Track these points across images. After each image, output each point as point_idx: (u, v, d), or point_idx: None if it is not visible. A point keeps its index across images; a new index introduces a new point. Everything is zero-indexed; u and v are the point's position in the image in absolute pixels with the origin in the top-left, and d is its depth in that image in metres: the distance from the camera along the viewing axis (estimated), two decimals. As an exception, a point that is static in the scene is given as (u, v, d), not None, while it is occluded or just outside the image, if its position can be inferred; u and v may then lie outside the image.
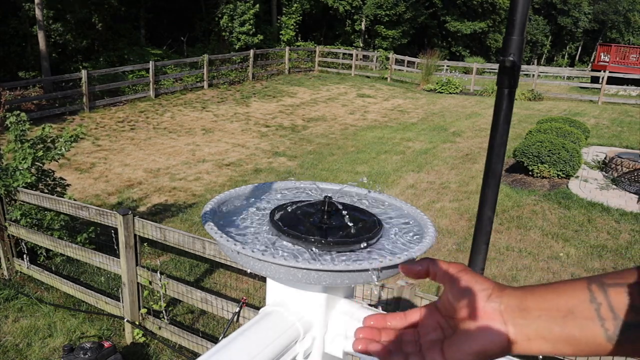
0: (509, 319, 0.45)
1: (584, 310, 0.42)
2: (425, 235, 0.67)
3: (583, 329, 0.42)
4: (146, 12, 21.54)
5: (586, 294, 0.42)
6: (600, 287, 0.42)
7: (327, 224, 0.68)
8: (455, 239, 6.51)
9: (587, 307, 0.42)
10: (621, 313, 0.41)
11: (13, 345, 4.15)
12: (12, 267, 5.27)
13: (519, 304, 0.45)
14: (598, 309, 0.41)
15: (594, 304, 0.42)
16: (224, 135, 11.59)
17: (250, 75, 18.39)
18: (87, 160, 9.41)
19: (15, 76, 15.92)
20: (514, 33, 0.48)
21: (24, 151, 5.18)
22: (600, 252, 6.22)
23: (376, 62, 23.20)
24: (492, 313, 0.45)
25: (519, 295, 0.46)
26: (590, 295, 0.42)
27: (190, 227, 6.53)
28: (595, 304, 0.42)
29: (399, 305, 2.98)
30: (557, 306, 0.43)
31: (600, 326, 0.41)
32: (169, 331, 4.18)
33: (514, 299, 0.46)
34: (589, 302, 0.42)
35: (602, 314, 0.41)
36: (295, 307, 0.67)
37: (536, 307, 0.44)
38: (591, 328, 0.42)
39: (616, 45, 25.79)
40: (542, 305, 0.44)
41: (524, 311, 0.45)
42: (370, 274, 0.59)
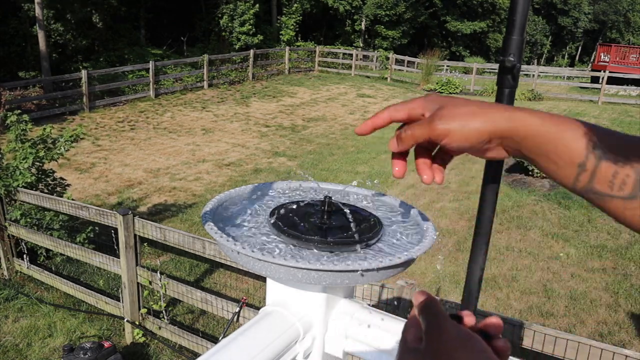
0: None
1: (568, 161, 0.43)
2: (425, 235, 0.67)
3: (560, 167, 0.44)
4: (146, 12, 21.54)
5: (581, 157, 0.42)
6: (597, 158, 0.41)
7: (327, 224, 0.68)
8: (455, 239, 6.51)
9: (572, 163, 0.43)
10: (600, 186, 0.42)
11: (13, 345, 4.15)
12: (12, 267, 5.27)
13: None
14: (580, 172, 0.42)
15: (580, 167, 0.42)
16: (224, 135, 11.59)
17: (250, 75, 18.39)
18: (87, 160, 9.41)
19: (15, 76, 15.92)
20: (514, 33, 0.47)
21: (25, 151, 5.18)
22: (600, 252, 6.22)
23: (376, 62, 23.20)
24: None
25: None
26: (583, 160, 0.42)
27: (190, 227, 6.53)
28: (581, 168, 0.42)
29: (399, 305, 2.98)
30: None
31: (574, 176, 0.43)
32: (169, 331, 4.18)
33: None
34: (577, 165, 0.42)
35: (580, 178, 0.42)
36: (295, 307, 0.67)
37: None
38: (568, 170, 0.43)
39: (616, 45, 25.79)
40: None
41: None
42: (370, 274, 0.59)
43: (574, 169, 0.43)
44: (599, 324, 4.82)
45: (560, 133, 0.43)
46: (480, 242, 0.52)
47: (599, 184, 0.41)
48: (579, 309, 5.03)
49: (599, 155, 0.41)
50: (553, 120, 0.44)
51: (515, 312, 4.96)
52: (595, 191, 0.42)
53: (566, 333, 2.55)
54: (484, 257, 0.53)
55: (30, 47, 16.78)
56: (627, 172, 0.40)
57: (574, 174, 0.43)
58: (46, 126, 5.43)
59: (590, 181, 0.42)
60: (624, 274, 5.74)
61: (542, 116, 0.45)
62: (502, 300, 5.16)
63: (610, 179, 0.41)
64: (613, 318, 4.91)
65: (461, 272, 5.61)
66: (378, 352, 0.65)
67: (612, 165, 0.41)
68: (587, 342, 2.44)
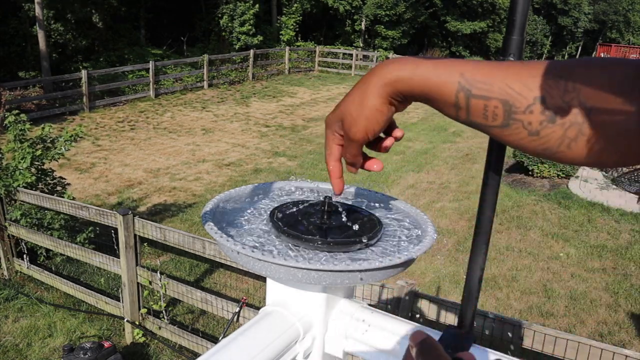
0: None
1: (445, 102, 0.46)
2: (425, 235, 0.67)
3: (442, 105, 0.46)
4: (146, 12, 21.54)
5: (452, 97, 0.45)
6: (465, 96, 0.44)
7: (327, 224, 0.68)
8: (455, 239, 6.51)
9: (449, 104, 0.45)
10: (477, 119, 0.44)
11: (13, 345, 4.15)
12: (12, 267, 5.27)
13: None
14: (457, 110, 0.45)
15: (455, 107, 0.45)
16: (224, 135, 11.59)
17: (250, 75, 18.38)
18: (87, 160, 9.41)
19: (15, 76, 15.91)
20: (514, 33, 0.47)
21: (23, 151, 5.18)
22: (600, 252, 6.22)
23: (376, 62, 23.17)
24: None
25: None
26: (454, 100, 0.45)
27: (190, 227, 6.53)
28: (456, 107, 0.45)
29: (399, 305, 2.98)
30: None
31: (455, 113, 0.46)
32: (169, 331, 4.18)
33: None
34: (452, 105, 0.45)
35: (459, 114, 0.45)
36: (295, 307, 0.67)
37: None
38: (449, 109, 0.46)
39: (616, 46, 25.81)
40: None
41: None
42: (370, 274, 0.59)
43: (452, 108, 0.46)
44: (599, 324, 4.82)
45: (431, 79, 0.46)
46: (480, 242, 0.52)
47: (475, 117, 0.44)
48: (579, 309, 5.04)
49: (467, 92, 0.44)
50: (419, 68, 0.47)
51: (515, 312, 4.96)
52: (476, 123, 0.45)
53: (566, 333, 2.55)
54: (484, 257, 0.53)
55: (30, 47, 16.78)
56: (494, 103, 0.42)
57: (454, 112, 0.46)
58: (45, 125, 5.43)
59: (468, 116, 0.45)
60: (624, 274, 5.74)
61: (413, 66, 0.47)
62: (502, 300, 5.16)
63: (483, 112, 0.43)
64: (613, 318, 4.91)
65: (461, 272, 5.61)
66: (378, 352, 0.65)
67: (480, 100, 0.43)
68: (587, 342, 2.44)
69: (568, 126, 0.40)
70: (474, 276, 0.53)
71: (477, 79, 0.44)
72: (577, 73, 0.40)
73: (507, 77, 0.42)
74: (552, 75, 0.40)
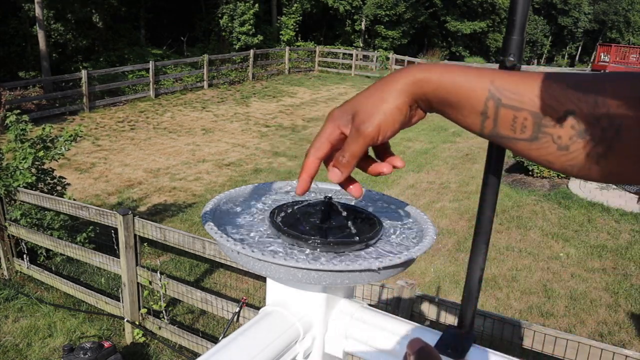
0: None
1: (471, 110, 0.44)
2: (425, 235, 0.67)
3: (466, 115, 0.45)
4: (146, 12, 21.54)
5: (481, 105, 0.44)
6: (495, 104, 0.43)
7: (327, 224, 0.68)
8: (455, 239, 6.51)
9: (475, 112, 0.44)
10: (504, 130, 0.43)
11: (13, 345, 4.15)
12: (12, 267, 5.27)
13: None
14: (484, 119, 0.44)
15: (482, 115, 0.44)
16: (224, 135, 11.59)
17: (250, 75, 18.39)
18: (87, 160, 9.41)
19: (15, 76, 15.92)
20: (514, 33, 0.47)
21: (24, 151, 5.19)
22: (600, 252, 6.23)
23: (376, 62, 23.19)
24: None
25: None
26: (483, 108, 0.44)
27: (190, 227, 6.53)
28: (483, 116, 0.44)
29: (399, 305, 2.98)
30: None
31: (480, 123, 0.44)
32: (169, 331, 4.18)
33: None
34: (479, 114, 0.44)
35: (485, 124, 0.44)
36: (295, 307, 0.67)
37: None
38: (473, 118, 0.45)
39: (616, 45, 25.80)
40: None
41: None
42: (370, 274, 0.59)
43: (477, 117, 0.44)
44: (599, 324, 4.82)
45: (459, 83, 0.44)
46: (480, 242, 0.52)
47: (502, 128, 0.43)
48: (579, 309, 5.04)
49: (498, 101, 0.43)
50: (450, 73, 0.45)
51: (515, 312, 4.96)
52: (501, 135, 0.43)
53: (566, 333, 2.55)
54: (484, 257, 0.53)
55: (30, 47, 16.78)
56: (524, 115, 0.41)
57: (479, 122, 0.44)
58: (45, 125, 5.43)
59: (495, 127, 0.43)
60: (624, 274, 5.74)
61: (439, 70, 0.46)
62: (502, 300, 5.16)
63: (512, 123, 0.42)
64: (613, 318, 4.91)
65: (461, 272, 5.61)
66: (378, 352, 0.65)
67: (510, 110, 0.42)
68: (587, 342, 2.44)
69: (597, 142, 0.38)
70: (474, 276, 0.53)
71: (508, 88, 0.43)
72: (608, 88, 0.39)
73: (538, 88, 0.41)
74: (582, 89, 0.40)
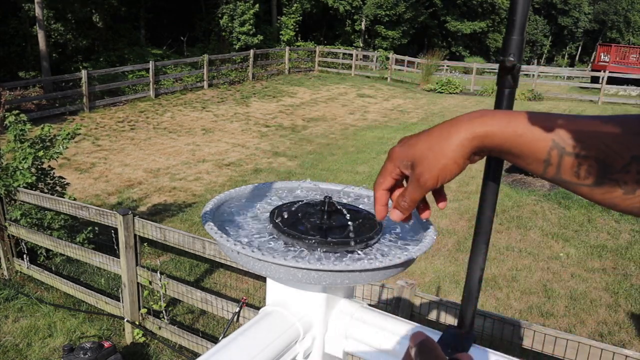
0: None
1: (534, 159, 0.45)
2: (425, 235, 0.67)
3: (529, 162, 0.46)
4: (146, 12, 21.54)
5: (544, 154, 0.45)
6: (558, 154, 0.44)
7: (327, 224, 0.68)
8: (455, 239, 6.51)
9: (538, 160, 0.45)
10: (567, 177, 0.44)
11: (13, 345, 4.15)
12: (12, 267, 5.27)
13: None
14: (546, 166, 0.45)
15: (545, 163, 0.45)
16: (224, 135, 11.59)
17: (250, 75, 18.39)
18: (87, 160, 9.41)
19: (15, 76, 15.91)
20: (514, 33, 0.47)
21: (24, 151, 5.18)
22: (600, 252, 6.22)
23: (376, 62, 23.19)
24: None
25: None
26: (546, 157, 0.44)
27: (190, 227, 6.53)
28: (546, 163, 0.45)
29: (399, 305, 2.98)
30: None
31: (542, 169, 0.46)
32: (169, 331, 4.18)
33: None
34: (542, 162, 0.45)
35: (548, 170, 0.45)
36: (295, 307, 0.67)
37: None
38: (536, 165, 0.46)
39: (616, 45, 25.79)
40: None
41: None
42: (370, 274, 0.59)
43: (540, 164, 0.45)
44: (599, 324, 4.82)
45: (521, 137, 0.45)
46: (480, 242, 0.52)
47: (565, 175, 0.44)
48: (579, 309, 5.04)
49: (561, 150, 0.43)
50: (512, 124, 0.45)
51: (515, 312, 4.96)
52: (564, 180, 0.44)
53: (566, 333, 2.55)
54: (484, 257, 0.53)
55: (30, 47, 16.78)
56: (589, 163, 0.42)
57: (542, 168, 0.45)
58: (44, 125, 5.43)
59: (557, 173, 0.44)
60: (624, 274, 5.74)
61: (500, 122, 0.46)
62: (502, 300, 5.16)
63: (575, 170, 0.43)
64: (613, 318, 4.91)
65: (461, 272, 5.61)
66: (378, 352, 0.65)
67: (574, 158, 0.43)
68: (587, 342, 2.44)
69: None
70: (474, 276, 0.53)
71: (572, 136, 0.43)
72: None
73: (604, 134, 0.41)
74: None
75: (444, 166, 0.49)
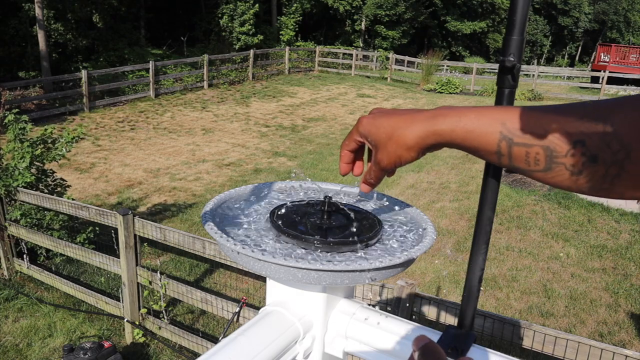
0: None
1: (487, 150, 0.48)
2: (425, 235, 0.67)
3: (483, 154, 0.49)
4: (146, 12, 21.55)
5: (494, 146, 0.48)
6: (507, 144, 0.47)
7: (327, 224, 0.68)
8: (455, 239, 6.51)
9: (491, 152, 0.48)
10: (519, 164, 0.47)
11: (13, 345, 4.15)
12: (12, 267, 5.27)
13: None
14: (499, 157, 0.48)
15: (497, 154, 0.48)
16: (224, 135, 11.59)
17: (250, 75, 18.39)
18: (87, 160, 9.41)
19: (15, 76, 15.92)
20: (514, 33, 0.47)
21: (23, 150, 5.18)
22: (600, 252, 6.23)
23: (376, 62, 23.19)
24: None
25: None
26: (496, 148, 0.47)
27: (190, 227, 6.53)
28: (498, 155, 0.48)
29: (399, 305, 2.98)
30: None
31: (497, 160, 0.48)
32: (169, 331, 4.18)
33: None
34: (494, 153, 0.48)
35: (502, 160, 0.48)
36: (295, 307, 0.67)
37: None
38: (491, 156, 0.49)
39: (616, 45, 25.80)
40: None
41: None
42: (370, 274, 0.59)
43: (493, 155, 0.48)
44: (599, 324, 4.82)
45: (470, 133, 0.48)
46: (480, 242, 0.52)
47: (517, 163, 0.47)
48: (579, 309, 5.04)
49: (509, 141, 0.46)
50: (462, 121, 0.49)
51: (515, 312, 4.96)
52: (518, 168, 0.47)
53: (566, 333, 2.55)
54: (484, 257, 0.53)
55: (30, 47, 16.78)
56: (535, 150, 0.45)
57: (496, 159, 0.48)
58: (48, 127, 5.43)
59: (510, 162, 0.47)
60: (624, 274, 5.74)
61: (452, 118, 0.50)
62: (502, 300, 5.16)
63: (525, 158, 0.46)
64: (613, 318, 4.91)
65: (461, 272, 5.61)
66: (378, 352, 0.65)
67: (522, 147, 0.46)
68: (587, 342, 2.44)
69: (610, 164, 0.41)
70: (474, 276, 0.53)
71: (518, 127, 0.46)
72: (616, 113, 0.42)
73: (547, 123, 0.44)
74: (590, 119, 0.43)
75: (400, 155, 0.54)
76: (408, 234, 0.71)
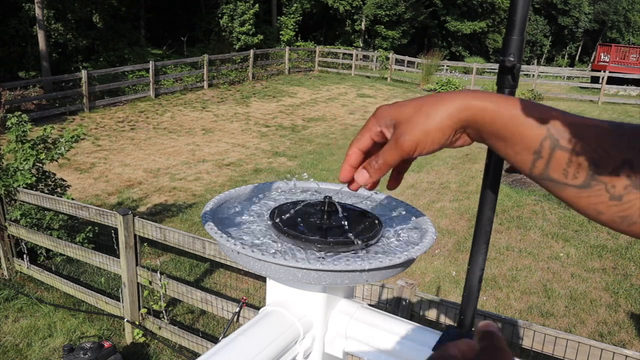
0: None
1: (524, 147, 0.42)
2: (425, 235, 0.67)
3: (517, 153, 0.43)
4: (146, 12, 21.55)
5: (537, 144, 0.42)
6: (551, 145, 0.41)
7: (327, 224, 0.68)
8: (455, 239, 6.51)
9: (528, 150, 0.42)
10: (555, 174, 0.41)
11: (13, 345, 4.15)
12: (12, 267, 5.27)
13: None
14: (536, 159, 0.42)
15: (536, 154, 0.42)
16: (224, 135, 11.59)
17: (250, 75, 18.39)
18: (87, 160, 9.41)
19: (15, 76, 15.91)
20: (514, 33, 0.47)
21: (25, 152, 5.18)
22: (600, 252, 6.23)
23: (376, 62, 23.19)
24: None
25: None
26: (538, 147, 0.42)
27: (190, 227, 6.53)
28: (536, 155, 0.42)
29: (399, 305, 2.98)
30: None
31: (531, 162, 0.43)
32: (169, 331, 4.18)
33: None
34: (533, 152, 0.42)
35: (536, 164, 0.42)
36: (295, 307, 0.67)
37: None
38: (525, 156, 0.43)
39: (616, 45, 25.79)
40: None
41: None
42: (370, 274, 0.59)
43: (530, 155, 0.42)
44: (599, 324, 4.82)
45: (515, 119, 0.42)
46: (480, 242, 0.52)
47: (553, 171, 0.41)
48: (579, 309, 5.04)
49: (554, 142, 0.41)
50: (508, 105, 0.43)
51: (515, 312, 4.96)
52: (551, 179, 0.42)
53: (566, 333, 2.55)
54: (484, 257, 0.53)
55: (30, 47, 16.78)
56: (580, 160, 0.40)
57: (531, 161, 0.42)
58: (47, 127, 5.43)
59: (546, 169, 0.42)
60: (624, 274, 5.74)
61: (497, 100, 0.44)
62: (502, 300, 5.16)
63: (565, 167, 0.41)
64: (613, 318, 4.91)
65: (461, 272, 5.61)
66: (378, 352, 0.65)
67: (566, 153, 0.40)
68: (587, 342, 2.44)
69: None
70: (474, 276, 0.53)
71: (568, 129, 0.41)
72: None
73: (598, 134, 0.40)
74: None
75: (427, 130, 0.46)
76: (408, 233, 0.71)
